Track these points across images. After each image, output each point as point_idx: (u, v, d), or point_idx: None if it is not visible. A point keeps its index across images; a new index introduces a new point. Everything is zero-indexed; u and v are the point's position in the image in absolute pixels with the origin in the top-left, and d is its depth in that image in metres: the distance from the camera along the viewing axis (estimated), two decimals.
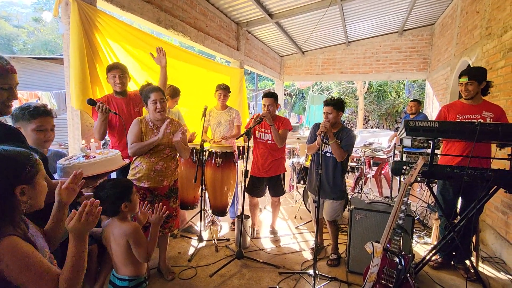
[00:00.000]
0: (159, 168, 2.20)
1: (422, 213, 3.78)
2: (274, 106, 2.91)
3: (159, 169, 2.20)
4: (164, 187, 2.27)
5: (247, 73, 13.67)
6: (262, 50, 6.58)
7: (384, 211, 2.42)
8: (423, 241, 3.19)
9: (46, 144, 1.64)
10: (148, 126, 2.20)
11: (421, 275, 2.47)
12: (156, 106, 2.12)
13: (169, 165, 2.27)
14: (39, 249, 0.93)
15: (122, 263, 1.55)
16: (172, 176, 2.31)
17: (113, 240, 1.54)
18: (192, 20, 3.90)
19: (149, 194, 2.22)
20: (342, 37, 6.71)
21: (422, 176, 2.12)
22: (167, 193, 2.30)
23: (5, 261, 0.82)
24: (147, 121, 2.21)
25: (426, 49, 6.60)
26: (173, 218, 2.35)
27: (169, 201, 2.31)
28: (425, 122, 2.12)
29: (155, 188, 2.23)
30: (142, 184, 2.18)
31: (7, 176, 0.85)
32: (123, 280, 1.56)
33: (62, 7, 2.34)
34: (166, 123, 2.09)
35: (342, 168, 2.62)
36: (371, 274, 1.85)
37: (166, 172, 2.24)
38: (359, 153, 4.49)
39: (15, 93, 1.18)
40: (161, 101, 2.14)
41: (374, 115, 14.62)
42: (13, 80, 1.16)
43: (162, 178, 2.23)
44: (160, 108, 2.13)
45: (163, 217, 1.68)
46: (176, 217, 2.42)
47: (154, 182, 2.20)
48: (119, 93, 2.44)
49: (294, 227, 3.57)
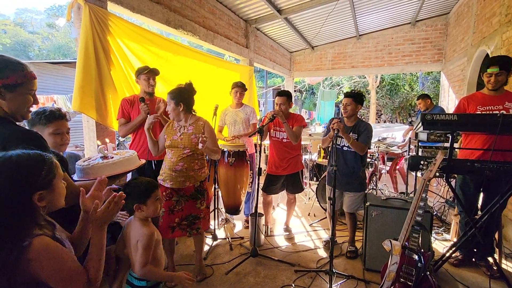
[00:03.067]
0: (179, 168, 2.19)
1: (440, 208, 3.68)
2: (286, 104, 2.88)
3: (180, 170, 2.19)
4: (189, 188, 2.25)
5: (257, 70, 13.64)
6: (271, 46, 6.53)
7: (401, 207, 2.36)
8: (441, 238, 3.10)
9: (62, 147, 1.67)
10: (173, 127, 2.29)
11: (441, 273, 2.40)
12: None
13: (191, 166, 2.24)
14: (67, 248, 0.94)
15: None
16: (195, 177, 2.26)
17: (128, 239, 1.56)
18: (201, 19, 3.90)
19: (175, 194, 2.24)
20: (353, 31, 6.57)
21: (441, 171, 2.06)
22: (192, 194, 2.27)
23: (40, 262, 0.82)
24: (173, 122, 2.32)
25: (441, 39, 6.38)
26: (200, 220, 2.30)
27: (196, 202, 2.28)
28: (443, 115, 2.05)
29: (179, 189, 2.23)
30: (166, 185, 2.22)
31: (22, 186, 0.82)
32: (140, 280, 1.58)
33: (74, 11, 2.38)
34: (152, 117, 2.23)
35: (362, 159, 2.63)
36: (390, 273, 1.81)
37: (187, 173, 2.21)
38: (373, 149, 4.41)
39: (36, 98, 1.22)
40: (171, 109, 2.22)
41: (387, 110, 14.33)
42: (36, 86, 1.20)
43: (184, 179, 2.21)
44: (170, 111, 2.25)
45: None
46: (204, 219, 2.35)
47: (176, 182, 2.20)
48: (148, 94, 2.58)
49: (308, 224, 3.55)
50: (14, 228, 0.82)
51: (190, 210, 2.26)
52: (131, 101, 2.54)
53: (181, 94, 2.21)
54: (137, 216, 1.55)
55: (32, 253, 0.81)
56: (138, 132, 2.56)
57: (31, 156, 0.88)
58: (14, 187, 0.81)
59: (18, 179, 0.82)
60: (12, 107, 1.13)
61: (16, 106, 1.13)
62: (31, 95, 1.17)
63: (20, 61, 1.16)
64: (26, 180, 0.84)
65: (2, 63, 1.10)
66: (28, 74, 1.15)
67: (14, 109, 1.14)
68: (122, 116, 2.51)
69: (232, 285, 2.31)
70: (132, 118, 2.53)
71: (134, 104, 2.53)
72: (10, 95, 1.11)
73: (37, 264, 0.81)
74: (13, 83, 1.10)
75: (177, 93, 2.21)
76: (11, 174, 0.82)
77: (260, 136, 2.64)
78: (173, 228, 2.24)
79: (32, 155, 0.88)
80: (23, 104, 1.15)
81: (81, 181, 1.29)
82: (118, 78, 2.72)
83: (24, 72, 1.13)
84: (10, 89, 1.10)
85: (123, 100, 2.56)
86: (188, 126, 2.25)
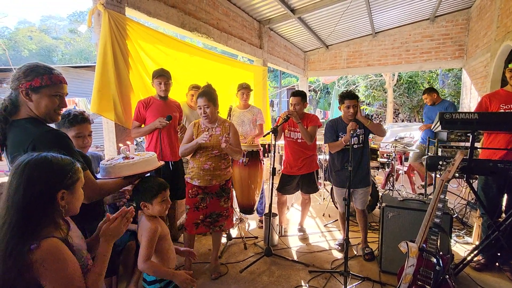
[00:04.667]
0: (207, 167, 2.30)
1: (461, 210, 3.55)
2: (301, 104, 2.88)
3: (208, 168, 2.30)
4: (215, 186, 2.35)
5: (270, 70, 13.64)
6: (285, 46, 6.52)
7: (418, 209, 2.30)
8: (463, 241, 2.99)
9: (84, 150, 1.76)
10: (200, 128, 2.37)
11: (461, 277, 2.32)
12: (201, 112, 2.29)
13: (218, 165, 2.33)
14: (76, 251, 0.97)
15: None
16: (222, 176, 2.36)
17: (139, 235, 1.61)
18: (215, 21, 3.96)
19: (201, 192, 2.33)
20: (368, 28, 6.44)
21: (461, 171, 1.99)
22: (218, 192, 2.37)
23: (45, 263, 0.85)
24: (200, 124, 2.38)
25: (462, 35, 6.14)
26: (224, 218, 2.41)
27: (220, 200, 2.38)
28: (463, 113, 1.98)
29: (206, 187, 2.33)
30: (194, 182, 2.33)
31: (52, 180, 0.90)
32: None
33: (94, 18, 2.48)
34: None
35: (367, 154, 2.69)
36: (407, 275, 1.77)
37: (214, 172, 2.32)
38: (390, 148, 4.30)
39: (65, 102, 1.28)
40: (204, 107, 2.26)
41: (404, 108, 13.93)
42: (64, 90, 1.27)
43: (211, 177, 2.31)
44: (203, 113, 2.28)
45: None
46: (228, 217, 2.46)
47: (204, 180, 2.30)
48: (162, 97, 2.69)
49: (322, 225, 3.52)
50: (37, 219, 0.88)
51: (214, 208, 2.35)
52: (146, 103, 2.64)
53: (215, 96, 2.30)
54: (146, 213, 1.58)
55: (39, 254, 0.84)
56: (153, 135, 2.64)
57: (63, 158, 0.96)
58: (46, 182, 0.89)
59: (50, 175, 0.90)
60: (39, 108, 1.19)
61: (43, 107, 1.19)
62: (57, 97, 1.23)
63: (49, 66, 1.23)
64: (56, 177, 0.91)
65: (30, 68, 1.18)
66: (54, 77, 1.21)
67: (42, 111, 1.20)
68: (136, 119, 2.63)
69: (246, 284, 2.33)
70: (146, 120, 2.62)
71: (150, 106, 2.63)
72: (36, 96, 1.18)
73: (40, 266, 0.84)
74: (37, 85, 1.17)
75: (212, 95, 2.28)
76: (46, 170, 0.90)
77: (274, 136, 2.65)
78: (197, 225, 2.34)
79: (64, 157, 0.97)
80: (49, 106, 1.21)
81: (103, 179, 1.35)
82: (135, 81, 2.81)
83: (50, 75, 1.20)
84: (36, 90, 1.17)
85: (139, 102, 2.66)
86: (216, 128, 2.33)
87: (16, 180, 0.88)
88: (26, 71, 1.17)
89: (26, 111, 1.19)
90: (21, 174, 0.88)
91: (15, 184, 0.87)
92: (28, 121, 1.18)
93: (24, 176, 0.87)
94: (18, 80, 1.16)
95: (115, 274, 1.96)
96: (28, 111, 1.19)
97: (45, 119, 1.23)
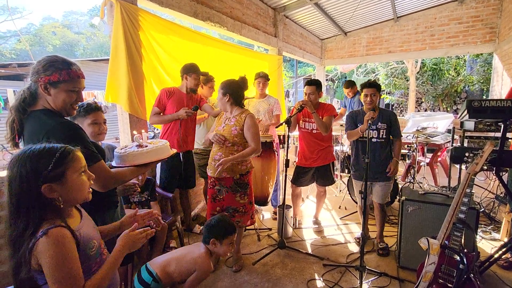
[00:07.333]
0: (218, 158, 2.22)
1: (488, 205, 3.35)
2: (315, 94, 2.78)
3: (218, 159, 2.20)
4: (228, 180, 2.27)
5: (286, 60, 13.37)
6: (301, 34, 6.32)
7: (441, 203, 2.17)
8: (489, 237, 2.82)
9: (100, 136, 1.80)
10: (221, 117, 2.39)
11: (487, 275, 2.19)
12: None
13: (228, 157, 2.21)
14: (83, 242, 0.96)
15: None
16: (234, 169, 2.24)
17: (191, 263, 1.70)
18: (228, 9, 3.87)
19: (217, 184, 2.31)
20: (390, 13, 6.10)
21: (489, 164, 1.84)
22: (232, 186, 2.28)
23: (49, 253, 0.85)
24: (223, 113, 2.42)
25: (494, 16, 5.68)
26: (240, 214, 2.32)
27: (235, 195, 2.29)
28: (493, 101, 1.82)
29: (220, 179, 2.28)
30: (208, 173, 2.33)
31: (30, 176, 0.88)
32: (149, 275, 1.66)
33: (107, 9, 2.48)
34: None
35: (390, 149, 2.59)
36: (427, 273, 1.68)
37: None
38: (411, 139, 4.10)
39: (81, 97, 1.29)
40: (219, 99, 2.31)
41: (428, 97, 13.24)
42: (82, 84, 1.27)
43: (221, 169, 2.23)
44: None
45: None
46: (246, 214, 2.35)
47: (214, 171, 2.22)
48: (192, 90, 2.70)
49: (338, 217, 3.44)
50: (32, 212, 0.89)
51: (230, 202, 2.31)
52: (170, 92, 2.62)
53: (229, 86, 2.26)
54: (208, 248, 1.68)
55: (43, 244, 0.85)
56: (170, 125, 2.64)
57: (43, 149, 0.92)
58: (26, 177, 0.88)
59: (26, 171, 0.88)
60: (56, 102, 1.21)
61: (60, 101, 1.21)
62: (75, 92, 1.24)
63: (67, 60, 1.23)
64: (33, 172, 0.89)
65: (49, 62, 1.19)
66: (72, 72, 1.21)
67: (59, 105, 1.22)
68: (157, 105, 2.60)
69: (259, 276, 2.32)
70: (166, 109, 2.60)
71: (172, 96, 2.61)
72: (54, 91, 1.20)
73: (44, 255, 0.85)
74: (55, 80, 1.18)
75: (226, 84, 2.27)
76: (22, 166, 0.89)
77: (288, 127, 2.57)
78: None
79: (45, 148, 0.93)
80: (66, 100, 1.22)
81: (118, 167, 1.37)
82: (148, 72, 2.81)
83: (69, 70, 1.21)
84: (54, 85, 1.19)
85: (162, 90, 2.64)
86: (232, 118, 2.29)
87: (6, 175, 0.91)
88: (46, 65, 1.18)
89: (43, 103, 1.22)
90: (11, 169, 0.90)
91: (6, 178, 0.91)
92: (44, 112, 1.21)
93: (10, 171, 0.90)
94: (37, 73, 1.18)
95: (131, 262, 2.01)
96: (45, 103, 1.22)
97: (60, 113, 1.25)
